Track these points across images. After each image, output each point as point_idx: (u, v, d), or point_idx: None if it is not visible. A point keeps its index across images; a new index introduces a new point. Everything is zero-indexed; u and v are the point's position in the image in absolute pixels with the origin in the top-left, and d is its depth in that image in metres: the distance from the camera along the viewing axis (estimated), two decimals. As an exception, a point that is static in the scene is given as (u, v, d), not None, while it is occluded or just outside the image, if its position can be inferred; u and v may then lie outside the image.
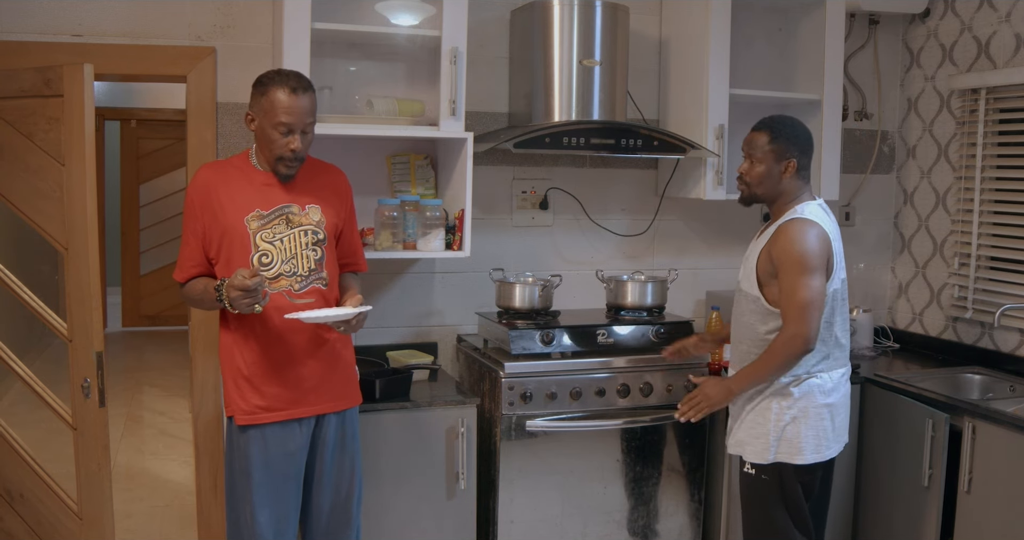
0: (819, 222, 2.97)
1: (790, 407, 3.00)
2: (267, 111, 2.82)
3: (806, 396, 3.00)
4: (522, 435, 3.51)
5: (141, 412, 6.91)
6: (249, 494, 2.88)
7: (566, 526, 3.64)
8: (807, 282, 2.88)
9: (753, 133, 3.10)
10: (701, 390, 3.11)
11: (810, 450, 3.01)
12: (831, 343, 3.03)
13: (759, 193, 3.09)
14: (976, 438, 3.28)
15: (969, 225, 4.15)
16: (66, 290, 3.16)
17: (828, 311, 2.99)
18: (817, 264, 2.90)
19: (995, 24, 4.03)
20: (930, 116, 4.42)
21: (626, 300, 3.94)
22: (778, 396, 3.02)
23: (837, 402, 3.06)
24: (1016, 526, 3.14)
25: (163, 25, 3.62)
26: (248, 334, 2.87)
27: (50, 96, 3.10)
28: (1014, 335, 3.95)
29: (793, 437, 3.00)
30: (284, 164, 2.87)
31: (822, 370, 3.02)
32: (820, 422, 3.01)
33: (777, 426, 3.01)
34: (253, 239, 2.85)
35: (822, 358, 3.02)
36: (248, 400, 2.87)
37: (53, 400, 3.28)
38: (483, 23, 3.90)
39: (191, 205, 2.88)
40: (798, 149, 3.04)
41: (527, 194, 4.11)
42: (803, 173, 3.07)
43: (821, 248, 2.93)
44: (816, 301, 2.88)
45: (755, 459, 3.05)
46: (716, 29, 3.86)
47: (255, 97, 2.86)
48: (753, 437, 3.06)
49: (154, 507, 4.90)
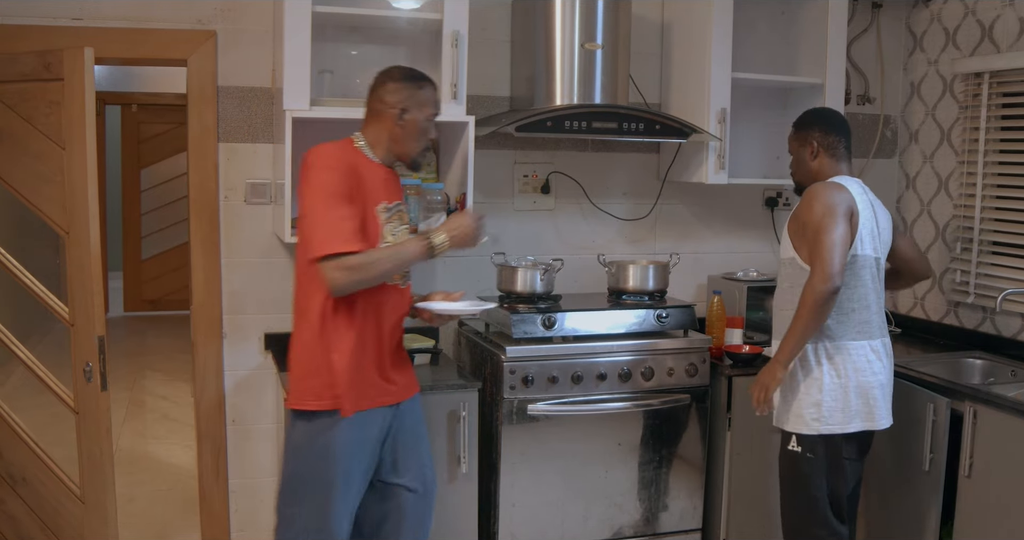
0: (849, 189, 3.09)
1: (838, 376, 3.08)
2: (423, 104, 2.92)
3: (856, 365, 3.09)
4: (523, 419, 3.52)
5: (143, 396, 6.93)
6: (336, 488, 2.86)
7: (568, 509, 3.64)
8: (828, 226, 2.99)
9: None
10: (755, 383, 3.15)
11: (859, 417, 3.10)
12: (871, 311, 3.13)
13: (798, 180, 3.32)
14: (977, 423, 3.28)
15: (971, 210, 4.14)
16: (67, 274, 3.17)
17: (868, 277, 3.11)
18: (838, 213, 3.01)
19: (999, 8, 4.01)
20: (933, 100, 4.41)
21: (628, 284, 3.94)
22: (826, 364, 3.09)
23: (887, 374, 3.18)
24: (1016, 510, 3.14)
25: (163, 8, 3.61)
26: (366, 324, 2.86)
27: (50, 80, 3.09)
28: (1015, 320, 3.95)
29: (844, 406, 3.08)
30: (425, 153, 3.03)
31: (864, 337, 3.12)
32: (871, 390, 3.11)
33: (830, 394, 3.08)
34: (382, 231, 2.88)
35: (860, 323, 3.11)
36: (358, 389, 2.85)
37: (55, 384, 3.28)
38: (485, 6, 3.88)
39: (345, 183, 2.77)
40: (818, 130, 3.23)
41: (529, 178, 4.10)
42: (832, 152, 3.23)
43: (842, 203, 3.04)
44: (839, 243, 2.97)
45: (804, 429, 3.11)
46: (718, 13, 3.84)
47: (407, 90, 2.90)
48: (802, 406, 3.12)
49: (156, 491, 4.92)
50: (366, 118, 2.97)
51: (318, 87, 3.55)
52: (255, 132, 3.76)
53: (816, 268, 2.97)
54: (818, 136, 3.21)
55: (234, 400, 3.84)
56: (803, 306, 2.99)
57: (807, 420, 3.10)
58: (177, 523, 4.48)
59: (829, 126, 3.23)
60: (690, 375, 3.71)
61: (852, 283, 3.08)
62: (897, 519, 3.65)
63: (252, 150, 3.76)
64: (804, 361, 3.12)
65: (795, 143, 3.29)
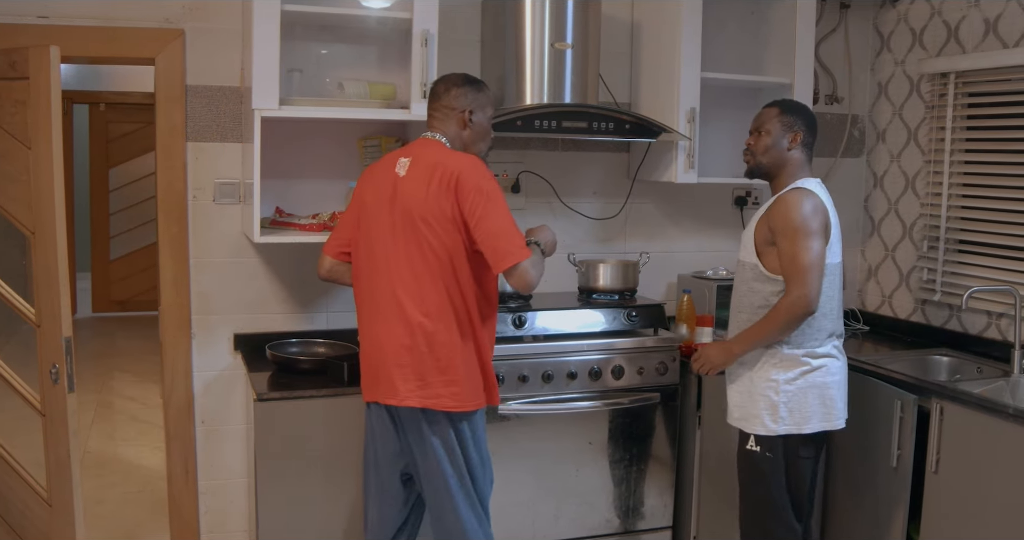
0: (820, 196, 3.07)
1: (795, 379, 3.09)
2: (486, 104, 3.09)
3: (813, 368, 3.09)
4: (494, 418, 3.52)
5: (112, 398, 6.87)
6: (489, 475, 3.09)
7: (539, 509, 3.65)
8: (808, 245, 2.97)
9: (764, 109, 3.26)
10: (704, 352, 3.20)
11: (816, 418, 3.10)
12: (829, 318, 3.12)
13: (764, 162, 3.20)
14: (944, 419, 3.31)
15: (938, 209, 4.18)
16: (34, 275, 3.13)
17: (828, 285, 3.08)
18: (816, 229, 3.00)
19: (964, 9, 4.05)
20: (900, 100, 4.44)
21: (598, 283, 3.95)
22: (783, 368, 3.09)
23: (843, 375, 3.19)
24: (982, 505, 3.18)
25: (131, 7, 3.58)
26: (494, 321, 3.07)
27: (15, 79, 3.06)
28: (981, 317, 3.99)
29: (800, 407, 3.09)
30: (488, 154, 3.17)
31: (821, 343, 3.11)
32: (828, 391, 3.11)
33: (786, 396, 3.08)
34: None
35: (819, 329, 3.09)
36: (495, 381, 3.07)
37: (21, 386, 3.25)
38: (455, 6, 3.87)
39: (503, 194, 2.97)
40: (804, 124, 3.19)
41: (499, 177, 4.10)
42: (807, 150, 3.19)
43: (819, 216, 3.02)
44: (817, 264, 2.98)
45: (760, 430, 3.12)
46: (688, 13, 3.86)
47: (471, 93, 3.05)
48: (759, 408, 3.13)
49: (126, 493, 4.88)
50: (437, 123, 3.06)
51: (287, 86, 3.54)
52: (224, 131, 3.74)
53: (795, 288, 2.97)
54: (804, 129, 3.17)
55: (203, 401, 3.82)
56: (773, 321, 3.01)
57: (764, 421, 3.11)
58: (146, 525, 4.45)
59: (813, 124, 3.22)
60: (660, 374, 3.73)
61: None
62: (865, 515, 3.68)
63: (221, 150, 3.74)
64: (762, 363, 3.13)
65: (777, 124, 3.17)
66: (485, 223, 2.83)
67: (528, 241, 2.96)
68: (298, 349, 3.74)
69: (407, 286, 2.91)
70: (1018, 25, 3.79)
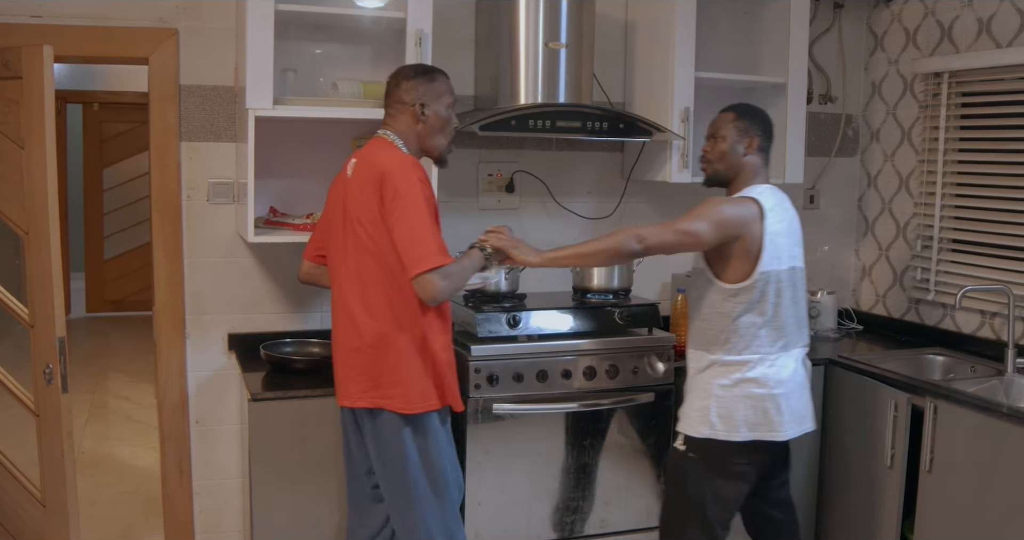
0: (761, 203, 3.01)
1: (731, 386, 3.02)
2: (440, 94, 2.98)
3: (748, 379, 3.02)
4: (489, 418, 3.51)
5: (106, 398, 6.86)
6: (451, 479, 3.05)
7: (534, 508, 3.65)
8: (695, 219, 2.98)
9: (719, 114, 3.21)
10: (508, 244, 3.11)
11: (746, 427, 3.02)
12: (773, 326, 3.04)
13: (721, 169, 3.16)
14: (937, 418, 3.32)
15: (932, 208, 4.19)
16: (27, 275, 3.13)
17: (773, 293, 3.01)
18: (716, 220, 2.96)
19: (958, 8, 4.05)
20: (894, 100, 4.45)
21: (592, 283, 3.95)
22: (721, 373, 3.04)
23: (790, 387, 3.06)
24: (976, 504, 3.18)
25: (125, 6, 3.58)
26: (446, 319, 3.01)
27: (9, 78, 3.06)
28: (975, 316, 4.00)
29: (731, 414, 3.02)
30: (451, 146, 3.07)
31: (764, 351, 3.03)
32: (762, 402, 3.02)
33: (718, 401, 3.03)
34: None
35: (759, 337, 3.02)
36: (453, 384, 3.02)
37: (15, 386, 3.24)
38: (449, 5, 3.87)
39: (430, 198, 2.87)
40: (760, 129, 3.13)
41: (493, 177, 4.10)
42: (763, 155, 3.14)
43: (734, 216, 2.98)
44: (688, 232, 2.96)
45: (690, 431, 3.08)
46: (682, 12, 3.86)
47: (422, 85, 2.95)
48: (692, 409, 3.09)
49: (120, 493, 4.88)
50: (389, 120, 3.01)
51: (281, 86, 3.53)
52: (218, 131, 3.74)
53: (645, 227, 3.01)
54: (760, 134, 3.13)
55: (198, 401, 3.82)
56: (603, 238, 3.05)
57: (693, 423, 3.08)
58: (140, 525, 4.45)
59: (769, 129, 3.18)
60: (654, 373, 3.73)
61: (756, 299, 3.00)
62: (859, 514, 3.69)
63: (215, 149, 3.74)
64: (706, 366, 3.09)
65: (733, 130, 3.13)
66: (399, 227, 2.79)
67: (472, 245, 2.95)
68: (292, 349, 3.74)
69: (353, 288, 2.93)
70: (1011, 25, 3.80)
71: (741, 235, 2.97)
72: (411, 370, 2.90)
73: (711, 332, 3.07)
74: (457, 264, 2.88)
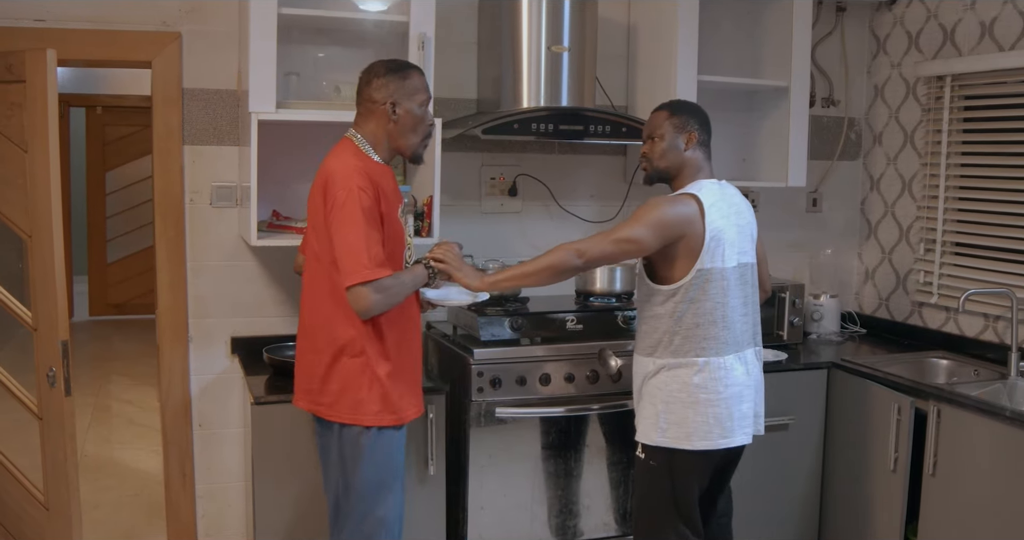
0: (701, 199, 2.95)
1: (678, 391, 2.97)
2: (413, 92, 2.87)
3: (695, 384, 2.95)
4: (491, 421, 3.51)
5: (109, 401, 6.87)
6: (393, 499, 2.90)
7: (536, 512, 3.65)
8: (634, 224, 2.91)
9: (652, 114, 3.14)
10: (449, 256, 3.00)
11: (699, 436, 2.96)
12: (719, 326, 2.97)
13: (663, 167, 3.08)
14: (941, 422, 3.32)
15: (935, 211, 4.18)
16: (30, 278, 3.13)
17: (716, 292, 2.95)
18: (656, 223, 2.90)
19: (960, 11, 4.05)
20: (896, 103, 4.45)
21: (595, 286, 3.95)
22: (669, 378, 2.99)
23: (739, 390, 3.00)
24: (980, 508, 3.18)
25: (128, 10, 3.58)
26: (405, 331, 2.90)
27: (12, 82, 3.06)
28: (978, 320, 4.00)
29: (682, 420, 2.96)
30: (426, 143, 2.96)
31: (710, 353, 2.96)
32: (713, 408, 2.95)
33: (667, 408, 2.98)
34: (405, 233, 2.91)
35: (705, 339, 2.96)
36: (405, 399, 2.89)
37: (18, 389, 3.25)
38: (451, 8, 3.87)
39: (374, 203, 2.74)
40: (697, 123, 3.08)
41: (496, 180, 4.10)
42: (705, 150, 3.09)
43: (674, 217, 2.92)
44: (629, 239, 2.90)
45: (644, 439, 3.04)
46: (684, 15, 3.86)
47: (393, 82, 2.85)
48: (644, 417, 3.06)
49: (122, 497, 4.88)
50: (359, 119, 2.92)
51: (284, 89, 3.53)
52: (221, 135, 3.74)
53: (583, 241, 2.96)
54: (697, 128, 3.07)
55: (200, 404, 3.82)
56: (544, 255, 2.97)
57: (647, 430, 3.03)
58: (143, 529, 4.45)
59: (706, 122, 3.11)
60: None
61: (696, 297, 2.94)
62: (862, 518, 3.68)
63: (217, 153, 3.74)
64: (647, 374, 3.04)
65: (669, 127, 3.05)
66: (336, 237, 2.72)
67: (418, 259, 2.90)
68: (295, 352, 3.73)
69: (305, 292, 2.92)
70: (1014, 28, 3.80)
71: (684, 234, 2.92)
72: (348, 382, 2.82)
73: (655, 335, 3.01)
74: (395, 278, 2.75)
